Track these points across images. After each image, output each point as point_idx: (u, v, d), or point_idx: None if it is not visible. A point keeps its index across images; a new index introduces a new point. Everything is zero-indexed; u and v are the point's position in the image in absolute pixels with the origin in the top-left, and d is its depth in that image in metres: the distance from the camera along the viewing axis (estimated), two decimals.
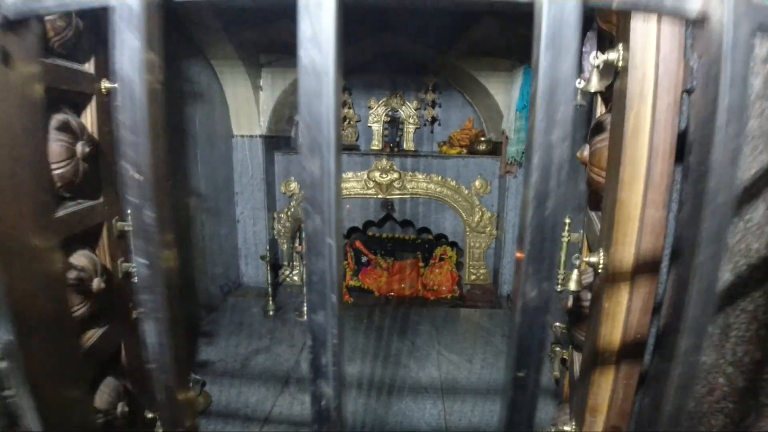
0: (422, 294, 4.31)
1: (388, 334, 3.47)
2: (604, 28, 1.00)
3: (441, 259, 4.44)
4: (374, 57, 3.99)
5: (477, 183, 4.03)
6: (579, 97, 0.69)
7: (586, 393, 0.88)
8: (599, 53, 0.83)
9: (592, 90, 0.84)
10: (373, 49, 3.83)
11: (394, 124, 4.33)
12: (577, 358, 1.14)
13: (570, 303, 1.11)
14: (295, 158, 4.13)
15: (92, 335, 1.32)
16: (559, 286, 1.04)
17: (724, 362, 0.63)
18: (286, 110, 4.10)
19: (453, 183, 4.05)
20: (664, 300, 0.76)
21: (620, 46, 0.80)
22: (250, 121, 3.86)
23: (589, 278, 1.02)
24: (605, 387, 0.85)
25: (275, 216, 4.09)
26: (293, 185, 4.14)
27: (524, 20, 0.41)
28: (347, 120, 4.31)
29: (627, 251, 0.78)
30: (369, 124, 4.36)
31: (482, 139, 4.10)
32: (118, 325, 1.43)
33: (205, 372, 2.81)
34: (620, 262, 0.80)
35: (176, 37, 3.05)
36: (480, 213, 4.09)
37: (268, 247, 3.64)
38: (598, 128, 0.98)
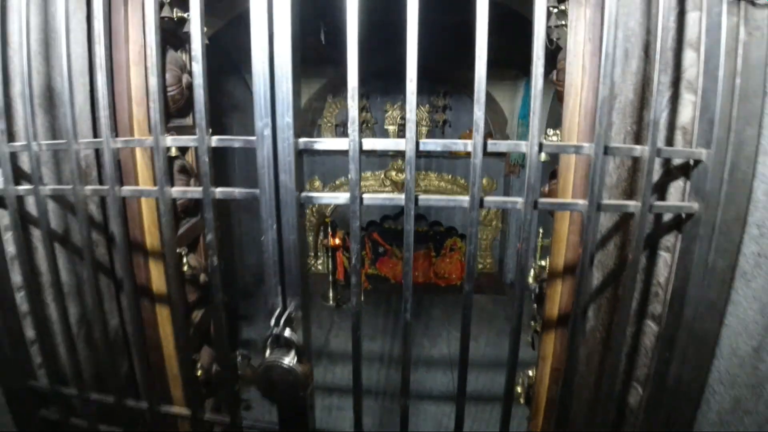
0: (434, 281, 4.87)
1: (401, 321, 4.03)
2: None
3: (451, 250, 4.98)
4: (390, 65, 4.49)
5: (484, 181, 4.54)
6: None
7: (540, 347, 1.42)
8: (548, 131, 1.35)
9: (542, 160, 1.35)
10: (389, 59, 4.33)
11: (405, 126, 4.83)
12: None
13: (537, 290, 1.64)
14: (318, 159, 4.65)
15: (197, 315, 1.89)
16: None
17: (598, 324, 1.15)
18: (310, 115, 4.63)
19: (462, 181, 4.57)
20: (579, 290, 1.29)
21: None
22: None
23: (545, 274, 1.55)
24: (549, 343, 1.39)
25: None
26: (317, 183, 4.68)
27: (527, 36, 0.83)
28: (365, 123, 4.82)
29: (560, 260, 1.31)
30: (385, 127, 4.87)
31: (489, 141, 4.60)
32: (209, 308, 1.99)
33: (249, 348, 3.40)
34: (556, 266, 1.33)
35: (219, 58, 3.59)
36: (487, 208, 4.62)
37: None
38: (553, 175, 1.50)
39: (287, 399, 0.91)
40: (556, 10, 1.25)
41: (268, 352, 0.85)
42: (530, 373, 1.55)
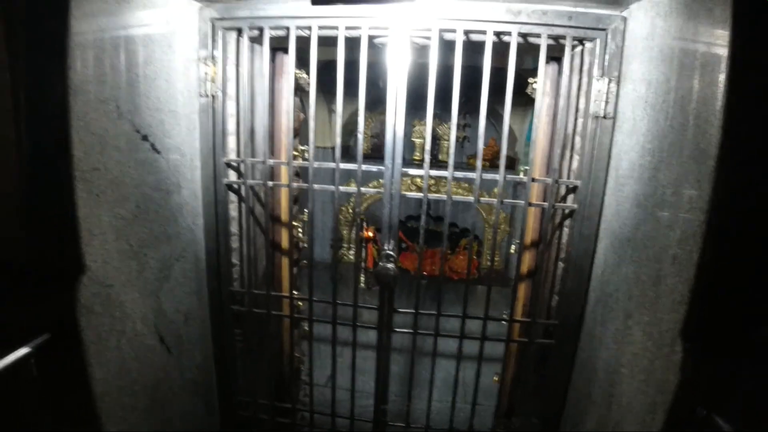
0: (448, 275, 6.00)
1: (422, 301, 5.16)
2: None
3: (465, 248, 6.12)
4: (418, 88, 5.68)
5: (495, 190, 5.67)
6: None
7: (516, 293, 2.56)
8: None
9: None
10: (417, 84, 5.52)
11: (432, 140, 5.99)
12: None
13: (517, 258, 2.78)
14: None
15: (295, 269, 3.05)
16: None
17: (543, 271, 2.27)
18: (351, 127, 5.81)
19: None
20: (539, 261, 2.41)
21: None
22: (324, 136, 5.58)
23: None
24: (521, 289, 2.52)
25: (339, 209, 5.84)
26: (353, 185, 5.86)
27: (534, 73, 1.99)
28: None
29: (528, 238, 2.45)
30: (412, 139, 6.04)
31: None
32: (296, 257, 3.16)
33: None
34: (525, 242, 2.46)
35: None
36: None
37: (336, 234, 5.37)
38: None
39: (387, 286, 2.09)
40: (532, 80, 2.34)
41: (381, 262, 2.02)
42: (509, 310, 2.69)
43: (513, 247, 2.63)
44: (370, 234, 5.39)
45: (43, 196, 1.64)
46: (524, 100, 5.63)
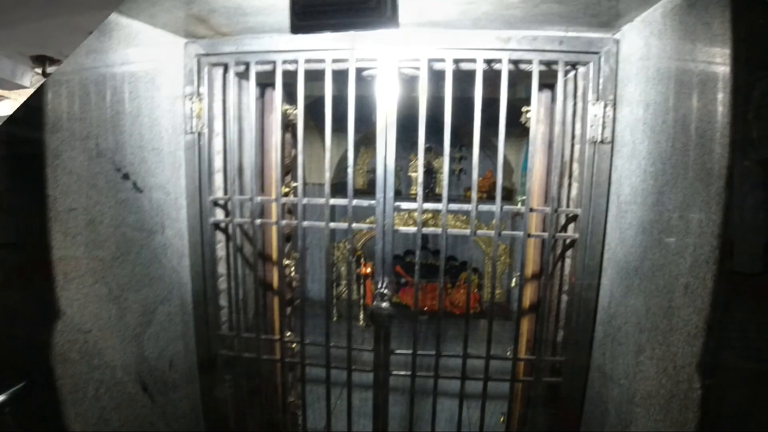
0: (449, 309, 5.86)
1: (423, 337, 4.99)
2: None
3: (465, 282, 5.98)
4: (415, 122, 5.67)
5: (494, 222, 5.59)
6: None
7: (519, 327, 2.44)
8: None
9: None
10: (415, 117, 5.51)
11: (429, 173, 5.97)
12: None
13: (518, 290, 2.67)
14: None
15: (288, 309, 2.93)
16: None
17: (545, 304, 2.17)
18: (344, 164, 5.77)
19: (475, 221, 5.63)
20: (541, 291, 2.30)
21: None
22: (319, 172, 5.52)
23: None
24: (525, 323, 2.40)
25: (336, 245, 5.73)
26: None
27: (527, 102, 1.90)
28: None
29: (528, 270, 2.35)
30: (409, 173, 5.99)
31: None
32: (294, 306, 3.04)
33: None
34: (527, 274, 2.36)
35: None
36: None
37: (334, 270, 5.26)
38: None
39: (382, 325, 1.97)
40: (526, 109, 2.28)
41: (375, 301, 1.91)
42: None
43: (514, 279, 2.52)
44: (369, 270, 5.28)
45: (15, 238, 1.56)
46: (519, 131, 5.61)
